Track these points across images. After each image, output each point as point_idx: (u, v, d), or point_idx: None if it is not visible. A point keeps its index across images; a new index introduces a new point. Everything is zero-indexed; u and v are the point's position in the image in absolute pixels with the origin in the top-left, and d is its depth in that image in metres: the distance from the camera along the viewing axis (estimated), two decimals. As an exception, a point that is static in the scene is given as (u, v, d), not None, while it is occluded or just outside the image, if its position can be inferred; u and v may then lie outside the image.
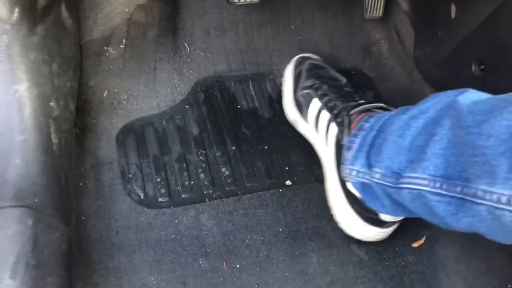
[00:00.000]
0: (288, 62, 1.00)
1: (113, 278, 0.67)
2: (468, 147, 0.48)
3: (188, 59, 0.93)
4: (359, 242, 0.76)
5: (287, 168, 0.84)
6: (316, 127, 0.80)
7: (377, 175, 0.62)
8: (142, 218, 0.73)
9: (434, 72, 0.93)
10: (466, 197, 0.49)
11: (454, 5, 0.85)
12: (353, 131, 0.69)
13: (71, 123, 0.72)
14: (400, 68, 1.02)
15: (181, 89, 0.91)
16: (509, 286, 0.71)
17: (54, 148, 0.62)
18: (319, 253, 0.74)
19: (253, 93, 0.94)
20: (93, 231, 0.70)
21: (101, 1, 0.80)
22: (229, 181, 0.80)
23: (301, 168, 0.85)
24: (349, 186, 0.71)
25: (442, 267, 0.75)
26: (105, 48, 0.83)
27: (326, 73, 0.85)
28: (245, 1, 0.84)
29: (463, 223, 0.51)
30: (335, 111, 0.75)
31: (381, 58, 1.05)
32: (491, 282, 0.71)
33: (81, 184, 0.74)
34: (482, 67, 0.81)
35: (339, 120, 0.73)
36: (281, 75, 0.98)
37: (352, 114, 0.72)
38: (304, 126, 0.85)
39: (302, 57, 0.90)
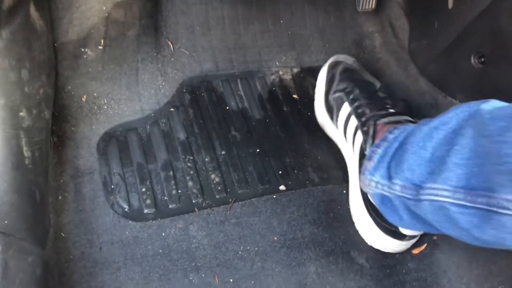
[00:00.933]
0: (278, 59, 0.96)
1: (97, 299, 0.62)
2: (492, 156, 0.47)
3: (172, 59, 0.88)
4: (358, 249, 0.72)
5: (280, 172, 0.80)
6: (344, 132, 0.78)
7: (397, 187, 0.60)
8: (127, 232, 0.68)
9: (431, 65, 0.89)
10: (490, 208, 0.48)
11: (451, -5, 0.81)
12: (377, 141, 0.68)
13: (47, 132, 0.67)
14: (395, 62, 0.97)
15: (166, 90, 0.85)
16: (516, 290, 0.68)
17: (27, 162, 0.57)
18: (317, 262, 0.70)
19: (242, 93, 0.89)
20: (74, 249, 0.65)
21: (76, -1, 0.74)
22: (219, 188, 0.75)
23: (295, 171, 0.80)
24: (369, 197, 0.70)
25: (443, 273, 0.71)
26: (82, 49, 0.78)
27: (359, 77, 0.83)
28: (228, -5, 0.79)
29: (488, 235, 0.50)
30: (363, 119, 0.73)
31: (374, 52, 1.01)
32: (495, 286, 0.68)
33: (60, 197, 0.69)
34: (482, 59, 0.77)
35: (365, 128, 0.72)
36: (271, 73, 0.94)
37: (378, 125, 0.71)
38: (333, 130, 0.82)
39: (336, 61, 0.86)
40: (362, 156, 0.72)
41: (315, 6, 0.99)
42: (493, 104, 0.53)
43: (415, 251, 0.73)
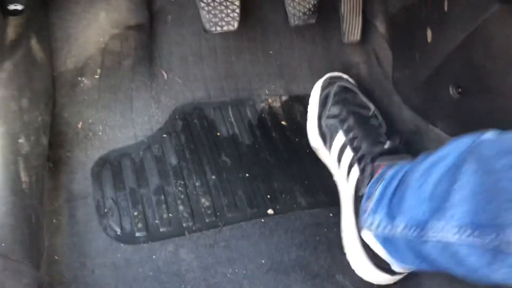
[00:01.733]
0: (267, 87, 1.00)
1: (88, 321, 0.64)
2: (501, 193, 0.47)
3: (166, 87, 0.92)
4: (344, 273, 0.75)
5: (269, 196, 0.83)
6: (338, 161, 0.79)
7: (400, 228, 0.59)
8: (119, 255, 0.71)
9: (412, 95, 0.94)
10: (502, 246, 0.46)
11: (430, 29, 0.86)
12: (374, 179, 0.67)
13: (43, 158, 0.69)
14: (380, 91, 1.02)
15: (159, 117, 0.89)
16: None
17: (24, 186, 0.60)
18: (303, 285, 0.72)
19: (232, 120, 0.93)
20: (67, 271, 0.67)
21: (75, 31, 0.78)
22: (209, 212, 0.78)
23: (283, 195, 0.83)
24: (364, 234, 0.70)
25: None
26: (79, 78, 0.81)
27: (354, 100, 0.82)
28: (221, 30, 0.84)
29: (500, 273, 0.48)
30: (359, 154, 0.73)
31: (360, 81, 1.05)
32: (475, 307, 0.70)
33: (54, 220, 0.71)
34: (460, 90, 0.82)
35: (362, 165, 0.72)
36: (261, 101, 0.98)
37: (375, 164, 0.70)
38: (327, 157, 0.84)
39: (331, 77, 0.86)
40: (357, 193, 0.72)
41: (303, 37, 1.04)
42: (491, 136, 0.52)
43: None
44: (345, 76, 0.88)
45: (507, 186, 0.46)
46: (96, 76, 0.83)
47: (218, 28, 0.83)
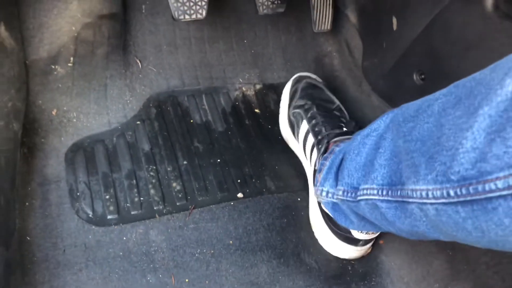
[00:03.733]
0: (241, 76, 1.02)
1: (58, 298, 0.66)
2: (404, 154, 0.52)
3: (140, 75, 0.94)
4: (308, 252, 0.78)
5: (239, 180, 0.85)
6: (304, 148, 0.85)
7: (340, 192, 0.66)
8: (90, 236, 0.73)
9: (380, 82, 0.96)
10: (403, 199, 0.53)
11: (395, 17, 0.89)
12: (325, 155, 0.74)
13: (15, 143, 0.71)
14: (351, 79, 1.04)
15: (133, 105, 0.91)
16: (449, 288, 0.74)
17: (-8, 169, 0.62)
18: (269, 264, 0.75)
19: (206, 107, 0.95)
20: (38, 251, 0.69)
21: (47, 20, 0.80)
22: (180, 196, 0.81)
23: (253, 180, 0.86)
24: (323, 206, 0.75)
25: (387, 274, 0.77)
26: (53, 66, 0.83)
27: (319, 94, 0.89)
28: (190, 18, 0.86)
29: (406, 224, 0.54)
30: (319, 137, 0.79)
31: (333, 70, 1.08)
32: (431, 285, 0.73)
33: (27, 203, 0.74)
34: (423, 76, 0.84)
35: (320, 146, 0.78)
36: (235, 89, 1.00)
37: (330, 143, 0.77)
38: (295, 145, 0.89)
39: (300, 76, 0.94)
40: (315, 171, 0.78)
41: (277, 27, 1.06)
42: (404, 106, 0.58)
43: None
44: (313, 76, 0.95)
45: (408, 146, 0.51)
46: (70, 64, 0.85)
47: (187, 17, 0.85)
